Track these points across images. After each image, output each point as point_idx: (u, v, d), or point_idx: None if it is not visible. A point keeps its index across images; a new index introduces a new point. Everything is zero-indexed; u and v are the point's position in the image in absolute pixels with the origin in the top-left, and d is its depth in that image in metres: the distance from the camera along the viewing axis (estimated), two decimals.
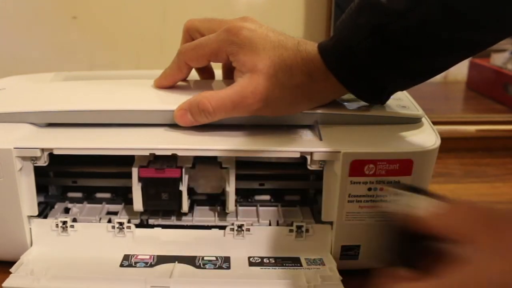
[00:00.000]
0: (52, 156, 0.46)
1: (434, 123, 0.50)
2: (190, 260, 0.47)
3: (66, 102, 0.49)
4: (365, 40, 0.41)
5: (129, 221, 0.49)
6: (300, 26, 0.89)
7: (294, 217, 0.51)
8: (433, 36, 0.40)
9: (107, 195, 0.54)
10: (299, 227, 0.48)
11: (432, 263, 0.31)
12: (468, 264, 0.29)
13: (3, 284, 0.41)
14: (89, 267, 0.46)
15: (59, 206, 0.53)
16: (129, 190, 0.49)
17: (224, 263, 0.47)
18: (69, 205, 0.53)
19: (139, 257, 0.47)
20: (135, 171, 0.48)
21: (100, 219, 0.51)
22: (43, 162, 0.46)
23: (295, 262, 0.47)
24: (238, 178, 0.48)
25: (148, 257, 0.47)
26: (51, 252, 0.48)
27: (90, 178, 0.54)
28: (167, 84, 0.51)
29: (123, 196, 0.54)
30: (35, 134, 0.47)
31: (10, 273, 0.43)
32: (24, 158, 0.45)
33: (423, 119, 0.49)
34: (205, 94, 0.46)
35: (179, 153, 0.45)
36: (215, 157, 0.48)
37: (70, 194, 0.55)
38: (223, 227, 0.49)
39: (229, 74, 0.49)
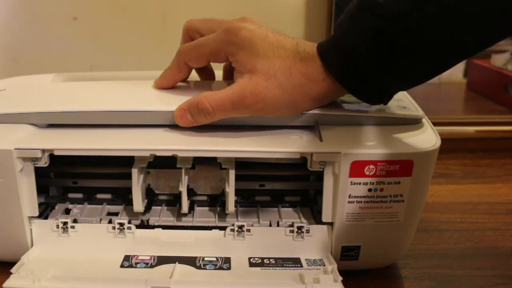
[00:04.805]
0: (52, 157, 0.46)
1: (435, 124, 0.50)
2: (190, 261, 0.47)
3: (66, 103, 0.49)
4: (365, 43, 0.42)
5: (129, 222, 0.49)
6: (300, 26, 0.89)
7: (294, 218, 0.51)
8: (432, 38, 0.40)
9: (107, 196, 0.54)
10: (299, 228, 0.48)
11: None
12: None
13: (4, 285, 0.41)
14: (89, 267, 0.46)
15: (59, 207, 0.53)
16: (129, 191, 0.49)
17: (224, 263, 0.47)
18: (70, 206, 0.53)
19: (139, 257, 0.47)
20: (135, 172, 0.48)
21: (101, 219, 0.51)
22: (43, 163, 0.46)
23: (295, 262, 0.47)
24: (238, 179, 0.48)
25: (148, 257, 0.47)
26: (52, 252, 0.48)
27: (90, 179, 0.54)
28: (167, 85, 0.51)
29: (124, 197, 0.54)
30: (36, 135, 0.47)
31: (11, 273, 0.43)
32: (24, 159, 0.45)
33: (424, 120, 0.49)
34: (205, 94, 0.46)
35: (179, 154, 0.45)
36: (214, 158, 0.48)
37: (71, 195, 0.55)
38: (223, 228, 0.49)
39: (230, 76, 0.49)
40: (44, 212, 0.51)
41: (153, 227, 0.50)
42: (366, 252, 0.49)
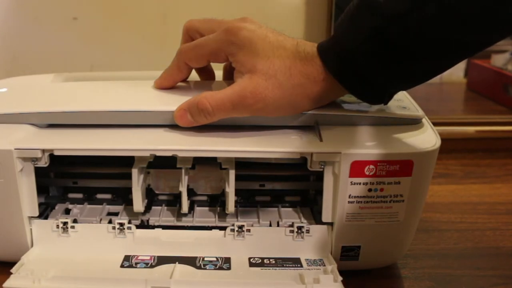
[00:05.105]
0: (52, 157, 0.46)
1: (435, 124, 0.50)
2: (190, 261, 0.47)
3: (66, 103, 0.49)
4: (364, 43, 0.42)
5: (129, 222, 0.49)
6: (300, 26, 0.89)
7: (294, 218, 0.51)
8: (432, 38, 0.40)
9: (107, 196, 0.54)
10: (299, 228, 0.48)
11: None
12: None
13: (4, 285, 0.41)
14: (89, 267, 0.46)
15: (59, 207, 0.53)
16: (129, 191, 0.49)
17: (224, 263, 0.47)
18: (70, 206, 0.53)
19: (139, 257, 0.47)
20: (135, 172, 0.48)
21: (101, 219, 0.51)
22: (43, 163, 0.46)
23: (295, 262, 0.47)
24: (238, 179, 0.48)
25: (148, 257, 0.47)
26: (52, 252, 0.48)
27: (90, 179, 0.54)
28: (167, 85, 0.51)
29: (124, 197, 0.54)
30: (36, 135, 0.47)
31: (11, 273, 0.43)
32: (24, 159, 0.45)
33: (424, 120, 0.49)
34: (205, 94, 0.46)
35: (179, 154, 0.45)
36: (214, 158, 0.48)
37: (71, 195, 0.55)
38: (223, 228, 0.49)
39: (230, 76, 0.49)
40: (44, 212, 0.51)
41: (153, 227, 0.50)
42: (366, 252, 0.49)
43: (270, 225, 0.50)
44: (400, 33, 0.40)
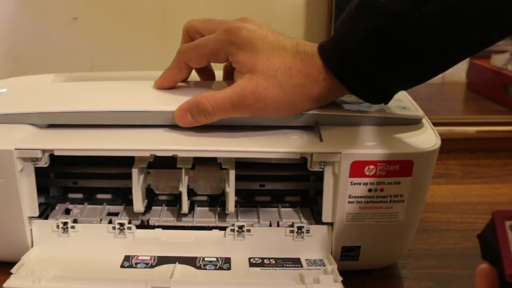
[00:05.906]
0: (52, 157, 0.46)
1: (435, 124, 0.50)
2: (190, 261, 0.47)
3: (67, 103, 0.49)
4: (365, 43, 0.42)
5: (129, 222, 0.49)
6: (300, 26, 0.89)
7: (294, 218, 0.51)
8: (433, 38, 0.40)
9: (107, 196, 0.54)
10: (299, 228, 0.48)
11: None
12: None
13: (4, 285, 0.41)
14: (89, 268, 0.46)
15: (59, 207, 0.53)
16: (129, 191, 0.49)
17: (224, 263, 0.47)
18: (70, 206, 0.53)
19: (139, 257, 0.47)
20: (135, 172, 0.48)
21: (101, 220, 0.51)
22: (43, 163, 0.46)
23: (295, 263, 0.47)
24: (238, 179, 0.48)
25: (148, 257, 0.47)
26: (52, 253, 0.48)
27: (90, 179, 0.54)
28: (168, 85, 0.51)
29: (124, 197, 0.54)
30: (36, 135, 0.47)
31: (11, 273, 0.43)
32: (25, 159, 0.45)
33: (424, 120, 0.49)
34: (205, 94, 0.46)
35: (179, 154, 0.45)
36: (214, 158, 0.48)
37: (71, 195, 0.55)
38: (223, 228, 0.49)
39: (230, 76, 0.49)
40: (44, 212, 0.51)
41: (153, 227, 0.50)
42: (366, 252, 0.49)
43: (270, 225, 0.50)
44: (401, 33, 0.40)
